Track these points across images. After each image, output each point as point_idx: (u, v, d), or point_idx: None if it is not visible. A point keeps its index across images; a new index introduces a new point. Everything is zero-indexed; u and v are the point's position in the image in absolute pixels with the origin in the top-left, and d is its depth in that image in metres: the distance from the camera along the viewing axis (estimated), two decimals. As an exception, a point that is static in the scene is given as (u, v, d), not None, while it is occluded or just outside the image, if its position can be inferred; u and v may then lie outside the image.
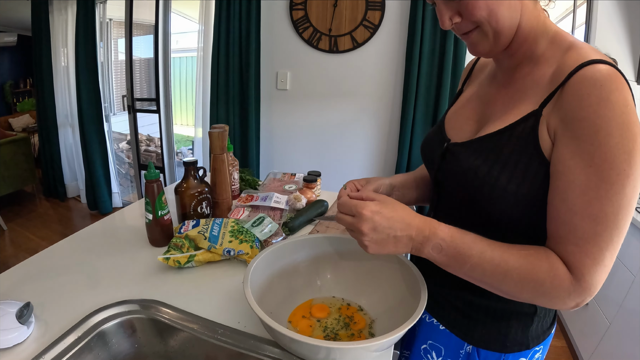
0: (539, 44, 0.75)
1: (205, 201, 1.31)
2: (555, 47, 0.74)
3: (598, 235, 0.63)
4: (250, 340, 0.84)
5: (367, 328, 0.88)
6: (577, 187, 0.63)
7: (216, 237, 1.13)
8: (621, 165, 0.60)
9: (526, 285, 0.68)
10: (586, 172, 0.62)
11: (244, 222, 1.24)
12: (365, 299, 0.96)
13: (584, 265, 0.64)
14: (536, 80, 0.74)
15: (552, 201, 0.68)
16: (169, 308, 0.92)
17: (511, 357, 0.87)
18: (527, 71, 0.77)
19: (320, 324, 0.89)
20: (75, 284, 1.01)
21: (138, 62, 4.21)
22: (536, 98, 0.72)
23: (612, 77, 0.61)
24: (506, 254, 0.70)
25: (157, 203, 1.16)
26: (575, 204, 0.64)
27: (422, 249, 0.74)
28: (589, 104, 0.61)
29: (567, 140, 0.65)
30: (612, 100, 0.60)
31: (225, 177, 1.38)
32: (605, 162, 0.61)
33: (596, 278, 0.64)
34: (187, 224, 1.19)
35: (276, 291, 0.92)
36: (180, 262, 1.07)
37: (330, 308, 0.94)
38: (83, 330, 0.85)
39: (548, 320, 0.89)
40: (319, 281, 1.00)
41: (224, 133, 1.35)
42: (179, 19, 4.71)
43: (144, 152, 4.62)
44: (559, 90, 0.67)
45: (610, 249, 0.63)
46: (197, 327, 0.88)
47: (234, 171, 1.59)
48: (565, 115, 0.65)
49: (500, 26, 0.71)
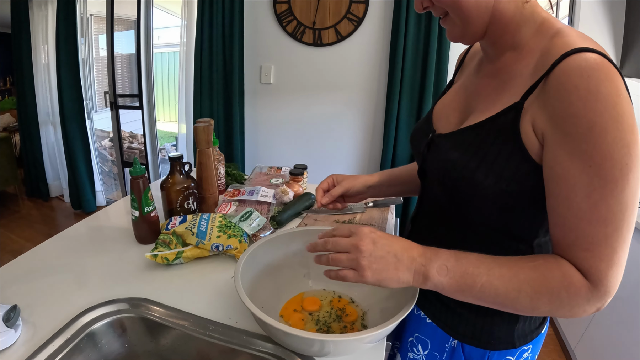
0: (522, 33, 0.72)
1: (191, 196, 1.30)
2: (541, 35, 0.70)
3: (609, 237, 0.60)
4: (243, 336, 0.83)
5: (359, 320, 0.88)
6: (580, 190, 0.60)
7: (204, 233, 1.12)
8: (622, 160, 0.57)
9: (542, 298, 0.64)
10: (587, 173, 0.59)
11: (231, 217, 1.23)
12: (356, 291, 0.96)
13: (599, 270, 0.61)
14: (519, 70, 0.71)
15: (556, 208, 0.65)
16: (159, 306, 0.91)
17: (496, 354, 0.85)
18: (511, 61, 0.74)
19: (312, 317, 0.88)
20: (63, 285, 0.99)
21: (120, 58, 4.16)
22: (518, 89, 0.69)
23: (600, 66, 0.58)
24: (515, 268, 0.66)
25: (143, 199, 1.14)
26: (581, 209, 0.61)
27: (428, 272, 0.68)
28: (578, 98, 0.58)
29: (560, 141, 0.62)
30: (602, 91, 0.57)
31: (211, 171, 1.37)
32: (605, 159, 0.58)
33: (613, 280, 0.62)
34: (174, 220, 1.17)
35: (267, 285, 0.92)
36: (168, 258, 1.06)
37: (322, 301, 0.93)
38: (72, 331, 0.83)
39: (537, 319, 0.87)
40: (309, 274, 1.00)
41: (210, 127, 1.33)
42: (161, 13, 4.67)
43: (127, 149, 4.57)
44: (543, 81, 0.64)
45: (623, 247, 0.61)
46: (188, 324, 0.87)
47: (220, 166, 1.58)
48: (553, 112, 0.62)
49: (465, 14, 0.70)
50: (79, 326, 0.85)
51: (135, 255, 1.13)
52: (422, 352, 0.95)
